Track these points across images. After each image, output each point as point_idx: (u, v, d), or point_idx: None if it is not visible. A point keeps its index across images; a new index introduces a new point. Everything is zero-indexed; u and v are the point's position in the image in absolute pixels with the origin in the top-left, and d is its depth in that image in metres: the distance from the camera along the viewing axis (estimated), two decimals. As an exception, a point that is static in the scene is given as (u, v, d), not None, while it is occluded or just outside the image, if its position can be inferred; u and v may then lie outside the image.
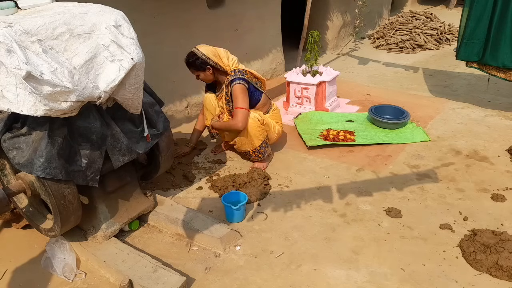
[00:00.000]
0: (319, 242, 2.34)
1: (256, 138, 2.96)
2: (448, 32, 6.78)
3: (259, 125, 2.94)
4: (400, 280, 2.05)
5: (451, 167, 3.04)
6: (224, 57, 2.97)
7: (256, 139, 2.96)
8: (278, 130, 3.18)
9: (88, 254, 2.21)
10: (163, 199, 2.63)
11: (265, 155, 3.06)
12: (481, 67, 3.84)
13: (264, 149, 3.03)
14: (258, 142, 2.97)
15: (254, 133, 2.94)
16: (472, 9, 3.65)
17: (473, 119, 3.84)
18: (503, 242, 2.17)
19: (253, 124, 2.92)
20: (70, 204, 2.04)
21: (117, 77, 1.89)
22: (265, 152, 3.05)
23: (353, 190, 2.81)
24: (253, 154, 3.04)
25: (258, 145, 2.98)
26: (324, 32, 6.28)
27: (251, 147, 2.99)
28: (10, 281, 2.16)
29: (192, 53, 2.94)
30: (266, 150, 3.06)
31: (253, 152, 3.02)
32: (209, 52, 2.92)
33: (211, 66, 2.92)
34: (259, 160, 3.09)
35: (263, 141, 3.00)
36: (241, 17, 4.50)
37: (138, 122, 2.31)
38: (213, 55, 2.92)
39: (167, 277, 2.01)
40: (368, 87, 4.81)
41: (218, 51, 2.97)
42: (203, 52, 2.91)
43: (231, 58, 3.02)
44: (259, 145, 2.99)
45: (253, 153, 3.03)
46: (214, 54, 2.92)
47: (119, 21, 1.96)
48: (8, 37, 1.61)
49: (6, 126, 2.01)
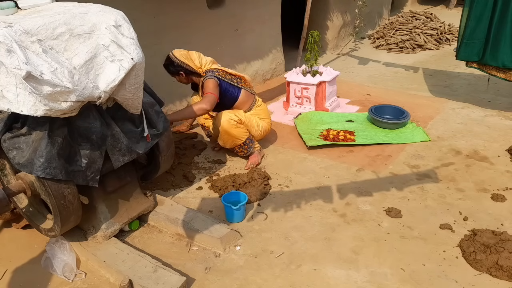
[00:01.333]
0: (319, 242, 2.34)
1: (235, 138, 3.02)
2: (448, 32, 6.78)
3: (235, 126, 2.97)
4: (400, 280, 2.05)
5: (451, 167, 3.04)
6: (196, 59, 3.03)
7: (236, 139, 3.02)
8: (262, 127, 3.20)
9: (88, 254, 2.21)
10: (163, 199, 2.63)
11: (250, 150, 3.14)
12: (481, 67, 3.84)
13: (248, 145, 3.11)
14: (240, 141, 3.04)
15: (232, 133, 2.98)
16: (472, 9, 3.65)
17: (473, 119, 3.84)
18: (503, 242, 2.17)
19: (227, 125, 2.95)
20: (70, 204, 2.04)
21: (117, 77, 1.89)
22: (250, 147, 3.12)
23: (353, 190, 2.81)
24: (238, 150, 3.14)
25: (240, 143, 3.06)
26: (324, 32, 6.28)
27: (234, 145, 3.08)
28: (10, 281, 2.16)
29: (167, 57, 3.03)
30: (250, 146, 3.13)
31: (238, 148, 3.12)
32: (181, 56, 2.99)
33: (184, 69, 3.00)
34: (245, 155, 3.18)
35: (246, 138, 3.06)
36: (241, 17, 4.50)
37: (138, 122, 2.31)
38: (185, 58, 2.99)
39: (167, 277, 2.01)
40: (368, 87, 4.81)
41: (190, 54, 3.04)
42: (176, 56, 2.98)
43: (205, 60, 3.08)
44: (242, 142, 3.06)
45: (238, 149, 3.13)
46: (186, 58, 3.00)
47: (119, 21, 1.96)
48: (8, 37, 1.60)
49: (6, 126, 2.01)
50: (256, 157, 3.19)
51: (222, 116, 2.97)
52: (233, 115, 2.99)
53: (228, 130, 2.96)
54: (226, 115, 2.97)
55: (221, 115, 2.99)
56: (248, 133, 3.08)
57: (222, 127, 2.96)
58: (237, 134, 3.00)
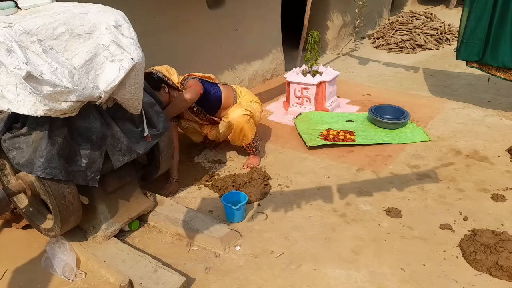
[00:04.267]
0: (319, 242, 2.34)
1: (247, 134, 3.01)
2: (448, 32, 6.78)
3: (248, 121, 2.98)
4: (400, 280, 2.05)
5: (451, 167, 3.04)
6: (175, 74, 2.93)
7: (247, 135, 3.02)
8: (258, 110, 3.19)
9: (88, 254, 2.21)
10: (163, 199, 2.63)
11: (258, 147, 3.19)
12: (481, 67, 3.84)
13: (257, 142, 3.15)
14: (249, 138, 3.05)
15: (245, 129, 2.98)
16: (472, 9, 3.65)
17: (473, 119, 3.84)
18: (503, 242, 2.17)
19: (242, 121, 2.94)
20: (70, 204, 2.04)
21: (117, 77, 1.89)
22: (258, 145, 3.17)
23: (353, 190, 2.81)
24: (247, 148, 3.16)
25: (250, 140, 3.07)
26: (324, 32, 6.27)
27: (245, 143, 3.08)
28: (10, 281, 2.16)
29: (148, 72, 2.83)
30: (258, 143, 3.18)
31: (246, 146, 3.13)
32: (161, 69, 2.89)
33: (165, 82, 2.84)
34: (253, 153, 3.20)
35: (254, 135, 3.08)
36: (241, 17, 4.50)
37: (138, 122, 2.31)
38: (165, 71, 2.89)
39: (167, 277, 2.01)
40: (368, 87, 4.81)
41: (167, 68, 2.94)
42: (156, 69, 2.87)
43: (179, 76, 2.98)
44: (252, 140, 3.07)
45: (247, 147, 3.14)
46: (166, 70, 2.90)
47: (119, 21, 1.96)
48: (8, 37, 1.60)
49: (6, 126, 2.01)
50: (256, 158, 3.19)
51: (235, 112, 2.95)
52: (244, 109, 2.98)
53: (243, 125, 2.95)
54: (238, 111, 2.95)
55: (232, 112, 2.97)
56: (255, 130, 3.10)
57: (238, 122, 2.93)
58: (248, 130, 2.99)
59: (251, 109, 3.06)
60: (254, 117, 3.09)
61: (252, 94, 3.29)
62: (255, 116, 3.10)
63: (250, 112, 2.99)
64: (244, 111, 2.96)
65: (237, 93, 3.20)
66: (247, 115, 2.96)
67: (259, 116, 3.20)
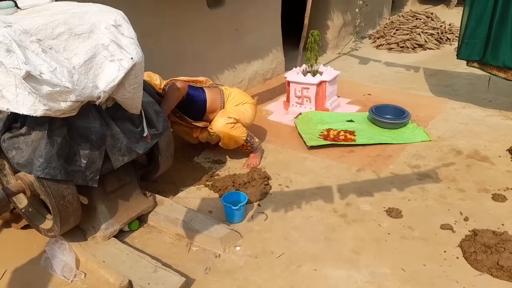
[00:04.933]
0: (320, 242, 2.34)
1: (237, 139, 3.00)
2: (449, 32, 6.76)
3: (233, 127, 2.94)
4: (401, 281, 2.05)
5: (452, 167, 3.04)
6: (158, 79, 2.90)
7: (237, 139, 3.00)
8: (250, 109, 3.15)
9: (88, 254, 2.20)
10: (163, 199, 2.62)
11: (254, 145, 3.14)
12: (482, 66, 3.83)
13: (251, 141, 3.12)
14: (241, 141, 3.03)
15: (233, 135, 2.96)
16: (473, 8, 3.64)
17: (474, 119, 3.83)
18: (503, 242, 2.16)
19: (226, 129, 2.91)
20: (70, 204, 2.04)
21: (116, 77, 1.88)
22: (253, 143, 3.13)
23: (353, 190, 2.80)
24: (242, 148, 3.15)
25: (243, 142, 3.05)
26: (324, 32, 6.26)
27: (238, 145, 3.08)
28: (9, 282, 2.16)
29: None
30: (253, 142, 3.14)
31: (242, 147, 3.12)
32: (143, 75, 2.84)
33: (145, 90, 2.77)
34: (250, 151, 3.18)
35: (246, 136, 3.05)
36: (241, 17, 4.49)
37: (138, 122, 2.31)
38: (147, 76, 2.84)
39: (167, 277, 2.01)
40: (368, 87, 4.80)
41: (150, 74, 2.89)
42: None
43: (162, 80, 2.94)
44: (244, 141, 3.06)
45: (242, 147, 3.13)
46: (147, 75, 2.86)
47: (118, 20, 1.95)
48: (8, 37, 1.60)
49: (5, 126, 2.01)
50: (255, 158, 3.18)
51: (218, 122, 2.93)
52: (226, 117, 2.94)
53: (228, 133, 2.94)
54: (221, 120, 2.93)
55: (215, 122, 2.95)
56: (246, 131, 3.06)
57: (222, 132, 2.92)
58: (237, 135, 2.97)
59: (236, 114, 3.01)
60: (243, 120, 3.05)
61: (244, 95, 3.24)
62: (244, 119, 3.06)
63: (233, 119, 2.95)
64: (227, 119, 2.92)
65: (225, 95, 3.14)
66: (231, 123, 2.93)
67: (250, 118, 3.14)
